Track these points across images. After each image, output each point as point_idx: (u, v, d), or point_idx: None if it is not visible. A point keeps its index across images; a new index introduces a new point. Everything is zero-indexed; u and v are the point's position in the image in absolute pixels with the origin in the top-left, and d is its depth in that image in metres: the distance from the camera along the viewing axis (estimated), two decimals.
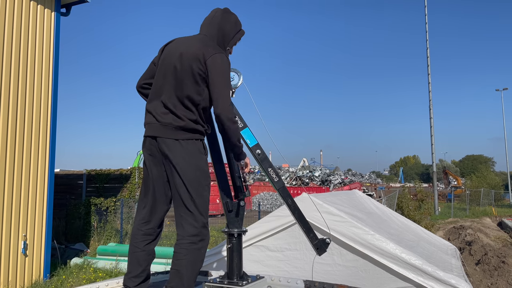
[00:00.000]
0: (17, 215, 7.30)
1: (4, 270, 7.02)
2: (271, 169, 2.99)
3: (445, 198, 37.13)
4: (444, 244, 6.11)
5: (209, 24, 2.73)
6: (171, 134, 2.50)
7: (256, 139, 3.00)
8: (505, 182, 45.17)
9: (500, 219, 21.15)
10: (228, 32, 2.74)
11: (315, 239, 3.10)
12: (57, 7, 8.31)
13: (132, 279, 2.62)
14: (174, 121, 2.50)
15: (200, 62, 2.50)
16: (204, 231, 2.51)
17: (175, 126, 2.49)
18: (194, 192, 2.49)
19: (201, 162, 2.54)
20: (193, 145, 2.53)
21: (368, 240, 3.98)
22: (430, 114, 25.65)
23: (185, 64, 2.52)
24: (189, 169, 2.48)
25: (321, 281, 3.04)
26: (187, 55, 2.53)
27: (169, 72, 2.58)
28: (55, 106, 8.15)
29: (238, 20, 2.81)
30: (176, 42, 2.69)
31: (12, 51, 7.37)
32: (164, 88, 2.57)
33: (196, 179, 2.50)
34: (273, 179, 2.99)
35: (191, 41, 2.64)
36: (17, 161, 7.37)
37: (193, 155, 2.51)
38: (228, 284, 2.82)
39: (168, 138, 2.50)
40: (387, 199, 17.05)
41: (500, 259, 8.80)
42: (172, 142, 2.49)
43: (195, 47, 2.55)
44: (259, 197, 26.34)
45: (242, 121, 2.99)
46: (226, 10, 2.79)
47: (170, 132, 2.50)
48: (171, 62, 2.58)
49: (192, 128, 2.52)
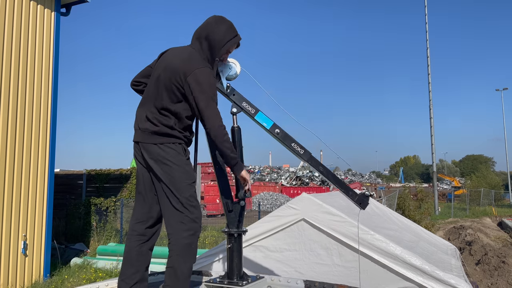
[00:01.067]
0: (17, 215, 7.30)
1: (4, 270, 7.01)
2: (294, 143, 3.02)
3: (445, 198, 37.15)
4: (444, 244, 6.11)
5: (198, 35, 2.73)
6: (148, 139, 2.60)
7: (271, 120, 3.02)
8: (505, 182, 45.19)
9: (500, 219, 21.16)
10: (216, 43, 2.69)
11: (355, 196, 3.14)
12: (57, 7, 8.30)
13: (125, 281, 2.63)
14: (150, 126, 2.61)
15: (180, 77, 2.55)
16: (193, 226, 2.55)
17: (151, 131, 2.60)
18: (177, 191, 2.55)
19: (181, 162, 2.60)
20: (171, 148, 2.60)
21: (368, 240, 3.98)
22: (430, 114, 25.67)
23: (166, 77, 2.60)
24: (169, 170, 2.56)
25: (321, 281, 3.04)
26: (170, 68, 2.61)
27: (153, 81, 2.69)
28: (55, 106, 8.16)
29: (231, 28, 2.74)
30: (167, 53, 2.76)
31: (12, 51, 7.37)
32: (148, 96, 2.69)
33: (177, 178, 2.56)
34: (299, 153, 3.01)
35: (179, 54, 2.68)
36: (17, 161, 7.36)
37: (171, 157, 2.58)
38: (228, 284, 2.82)
39: (146, 142, 2.61)
40: (387, 199, 17.05)
41: (500, 259, 8.80)
42: (151, 147, 2.59)
43: (179, 61, 2.61)
44: (259, 197, 26.33)
45: (253, 107, 3.02)
46: (217, 19, 2.74)
47: (147, 137, 2.61)
48: (157, 72, 2.68)
49: (167, 133, 2.59)
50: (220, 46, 2.70)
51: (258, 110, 3.02)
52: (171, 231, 2.55)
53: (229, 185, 3.02)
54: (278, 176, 46.24)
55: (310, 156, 3.04)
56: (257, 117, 3.01)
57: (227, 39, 2.72)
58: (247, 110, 3.01)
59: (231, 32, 2.74)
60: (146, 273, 2.72)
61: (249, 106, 3.01)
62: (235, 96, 3.01)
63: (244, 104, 3.01)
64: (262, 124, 3.01)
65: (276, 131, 3.01)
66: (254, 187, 29.62)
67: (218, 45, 2.70)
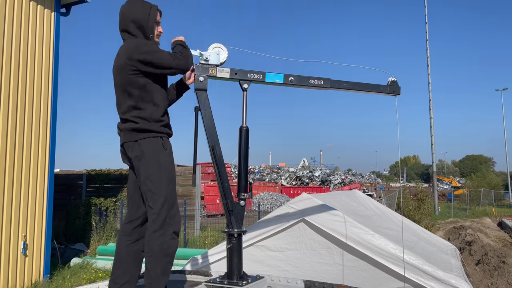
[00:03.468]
0: (17, 215, 7.30)
1: (4, 270, 7.01)
2: (311, 80, 3.18)
3: (445, 198, 37.14)
4: (444, 244, 6.11)
5: (122, 26, 2.76)
6: (129, 138, 2.66)
7: (280, 74, 3.13)
8: (505, 182, 45.16)
9: (500, 219, 21.14)
10: (143, 21, 2.74)
11: (386, 87, 3.34)
12: (57, 7, 8.31)
13: (114, 281, 2.66)
14: (128, 125, 2.66)
15: (130, 63, 2.61)
16: (165, 226, 2.55)
17: (130, 129, 2.65)
18: (154, 187, 2.57)
19: (161, 157, 2.63)
20: (151, 143, 2.63)
21: (368, 240, 3.98)
22: (430, 114, 25.67)
23: (120, 76, 2.67)
24: (148, 166, 2.59)
25: (321, 281, 3.04)
26: (118, 67, 2.68)
27: (116, 90, 2.75)
28: (55, 106, 8.16)
29: (143, 2, 2.80)
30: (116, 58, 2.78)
31: (12, 51, 7.37)
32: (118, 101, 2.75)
33: (155, 174, 2.59)
34: (320, 84, 3.20)
35: (120, 51, 2.73)
36: (17, 161, 7.36)
37: (151, 152, 2.61)
38: (228, 284, 2.82)
39: (128, 141, 2.67)
40: (387, 199, 17.06)
41: (500, 259, 8.80)
42: (132, 144, 2.65)
43: (120, 56, 2.68)
44: (259, 197, 26.32)
45: (258, 73, 3.09)
46: (129, 2, 2.79)
47: (128, 135, 2.67)
48: (115, 81, 2.73)
49: (145, 129, 2.63)
50: (147, 22, 2.74)
51: (264, 72, 3.10)
52: (147, 230, 2.59)
53: (229, 185, 3.01)
54: (278, 176, 46.24)
55: (331, 81, 3.21)
56: (267, 79, 3.11)
57: (148, 12, 2.76)
58: (255, 78, 3.08)
59: (146, 5, 2.78)
60: (136, 274, 2.72)
61: (255, 74, 3.08)
62: (238, 74, 3.06)
63: (249, 75, 3.07)
64: (275, 81, 3.13)
65: (290, 79, 3.14)
66: (254, 187, 29.62)
67: (145, 22, 2.74)
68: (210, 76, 3.01)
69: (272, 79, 3.11)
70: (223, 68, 3.04)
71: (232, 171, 36.63)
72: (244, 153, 3.00)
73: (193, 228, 13.12)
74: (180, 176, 14.45)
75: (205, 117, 2.96)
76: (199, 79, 2.97)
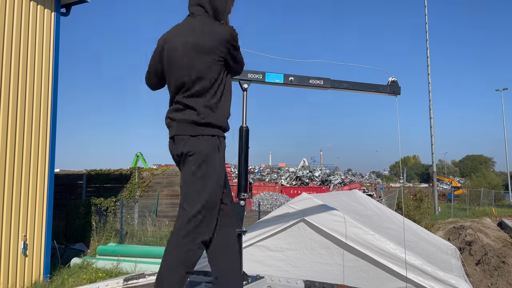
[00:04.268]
0: (17, 215, 7.30)
1: (4, 270, 7.01)
2: (311, 79, 3.20)
3: (445, 198, 37.15)
4: (444, 244, 6.11)
5: (199, 1, 2.51)
6: (185, 131, 2.37)
7: (280, 74, 3.15)
8: (505, 182, 45.17)
9: (500, 219, 21.14)
10: (220, 7, 2.54)
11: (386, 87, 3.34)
12: (57, 7, 8.31)
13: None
14: (188, 115, 2.37)
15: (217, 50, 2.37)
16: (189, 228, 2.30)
17: (190, 121, 2.36)
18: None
19: (216, 158, 2.36)
20: (209, 141, 2.35)
21: (368, 240, 3.98)
22: (430, 114, 25.67)
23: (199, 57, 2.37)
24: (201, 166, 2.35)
25: (321, 281, 3.04)
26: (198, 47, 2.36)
27: (176, 70, 2.43)
28: (55, 106, 8.16)
29: None
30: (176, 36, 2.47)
31: (12, 51, 7.37)
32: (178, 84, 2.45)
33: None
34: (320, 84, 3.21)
35: (192, 29, 2.44)
36: (17, 161, 7.36)
37: (208, 151, 2.34)
38: None
39: (183, 134, 2.37)
40: (387, 199, 17.06)
41: (500, 259, 8.81)
42: (187, 138, 2.36)
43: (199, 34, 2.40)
44: (259, 197, 26.31)
45: (258, 73, 3.09)
46: None
47: (185, 128, 2.37)
48: (174, 58, 2.43)
49: (209, 122, 2.36)
50: (223, 8, 2.55)
51: (264, 72, 3.10)
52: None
53: None
54: (278, 176, 46.22)
55: (331, 81, 3.22)
56: (267, 79, 3.12)
57: (227, 1, 2.57)
58: (255, 78, 3.08)
59: None
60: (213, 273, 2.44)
61: (255, 74, 3.08)
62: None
63: (249, 75, 3.07)
64: (275, 81, 3.14)
65: (290, 79, 3.15)
66: (254, 187, 29.61)
67: (222, 8, 2.53)
68: None
69: (272, 79, 3.11)
70: None
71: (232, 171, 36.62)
72: (244, 153, 3.00)
73: None
74: None
75: None
76: None
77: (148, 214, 13.53)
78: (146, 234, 12.47)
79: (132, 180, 14.75)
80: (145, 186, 14.65)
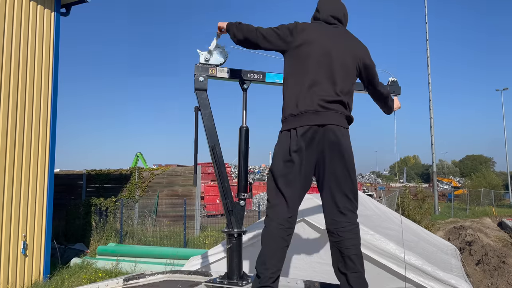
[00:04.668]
0: (17, 215, 7.30)
1: (4, 270, 7.01)
2: None
3: (445, 198, 37.15)
4: (444, 244, 6.10)
5: (342, 16, 2.80)
6: (338, 121, 2.55)
7: (280, 73, 3.13)
8: (505, 182, 45.17)
9: (500, 219, 21.14)
10: (346, 18, 2.87)
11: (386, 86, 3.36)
12: (57, 7, 8.31)
13: (275, 273, 2.54)
14: (340, 108, 2.59)
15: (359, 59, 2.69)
16: (356, 216, 2.57)
17: (344, 115, 2.60)
18: (355, 178, 2.59)
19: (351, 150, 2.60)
20: (348, 135, 2.64)
21: (368, 240, 3.97)
22: (430, 114, 25.69)
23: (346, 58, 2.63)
24: (350, 156, 2.56)
25: (321, 281, 3.04)
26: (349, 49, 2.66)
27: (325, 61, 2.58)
28: (55, 106, 8.16)
29: None
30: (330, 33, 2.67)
31: (12, 51, 7.37)
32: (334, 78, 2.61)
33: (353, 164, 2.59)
34: None
35: (348, 36, 2.75)
36: (17, 160, 7.36)
37: (349, 143, 2.62)
38: (228, 284, 2.82)
39: (335, 124, 2.53)
40: (387, 199, 17.06)
41: (500, 259, 8.80)
42: (337, 128, 2.54)
43: (355, 42, 2.75)
44: (259, 197, 26.30)
45: (258, 73, 3.09)
46: None
47: (337, 118, 2.55)
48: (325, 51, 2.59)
49: (351, 120, 2.71)
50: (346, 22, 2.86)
51: (264, 72, 3.09)
52: (346, 220, 2.52)
53: (229, 185, 3.01)
54: None
55: None
56: (267, 79, 3.11)
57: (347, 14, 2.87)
58: (255, 78, 3.07)
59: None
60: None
61: (255, 74, 3.07)
62: (237, 74, 3.07)
63: (250, 75, 3.06)
64: (275, 81, 3.13)
65: None
66: (254, 187, 29.59)
67: (346, 21, 2.85)
68: (210, 76, 3.01)
69: (272, 79, 3.10)
70: (223, 68, 3.04)
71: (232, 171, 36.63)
72: (244, 153, 3.00)
73: (193, 228, 13.12)
74: (180, 176, 14.47)
75: (205, 117, 2.96)
76: (199, 79, 2.97)
77: (148, 214, 13.53)
78: (146, 234, 12.47)
79: (132, 180, 14.75)
80: (145, 186, 14.65)
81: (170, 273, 3.41)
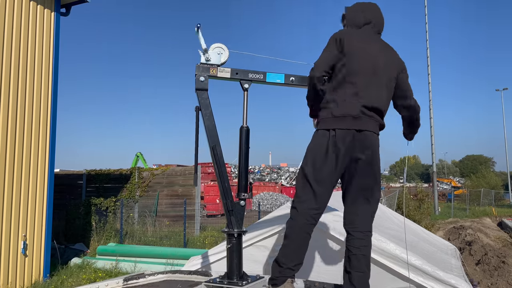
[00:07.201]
0: (17, 215, 7.30)
1: (4, 270, 7.01)
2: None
3: (445, 198, 37.15)
4: (444, 244, 6.10)
5: (380, 28, 2.90)
6: (373, 128, 2.66)
7: (281, 73, 3.14)
8: (505, 182, 45.16)
9: (500, 219, 21.14)
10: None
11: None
12: (57, 7, 8.31)
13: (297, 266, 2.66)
14: (377, 117, 2.70)
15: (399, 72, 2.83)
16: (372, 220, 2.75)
17: (378, 123, 2.71)
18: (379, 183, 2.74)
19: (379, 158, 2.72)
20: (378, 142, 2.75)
21: None
22: (430, 114, 25.70)
23: (388, 71, 2.75)
24: (378, 162, 2.69)
25: (321, 281, 3.04)
26: (392, 63, 2.80)
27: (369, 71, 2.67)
28: (55, 106, 8.16)
29: None
30: (376, 46, 2.76)
31: (12, 51, 7.37)
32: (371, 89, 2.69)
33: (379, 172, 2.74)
34: None
35: (391, 50, 2.87)
36: (17, 160, 7.36)
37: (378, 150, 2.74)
38: (228, 284, 2.82)
39: (370, 131, 2.64)
40: (387, 199, 17.06)
41: (500, 259, 8.81)
42: (371, 135, 2.65)
43: (397, 57, 2.88)
44: (259, 197, 26.30)
45: (259, 73, 3.08)
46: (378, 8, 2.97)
47: (372, 125, 2.66)
48: (371, 63, 2.68)
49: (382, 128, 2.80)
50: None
51: (265, 72, 3.09)
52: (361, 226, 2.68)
53: (229, 185, 3.01)
54: (278, 176, 46.23)
55: None
56: (268, 80, 3.10)
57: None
58: (256, 78, 3.07)
59: None
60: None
61: (256, 74, 3.07)
62: (238, 74, 3.06)
63: (250, 75, 3.06)
64: (276, 82, 3.12)
65: (291, 79, 3.14)
66: (254, 187, 29.60)
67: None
68: (211, 76, 3.01)
69: (273, 79, 3.10)
70: (224, 68, 3.04)
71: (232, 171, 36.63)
72: (245, 153, 3.00)
73: (193, 228, 13.12)
74: (180, 176, 14.47)
75: (206, 117, 2.96)
76: (200, 79, 2.97)
77: (148, 214, 13.53)
78: (146, 234, 12.48)
79: (132, 180, 14.75)
80: (145, 186, 14.65)
81: (170, 273, 3.41)
